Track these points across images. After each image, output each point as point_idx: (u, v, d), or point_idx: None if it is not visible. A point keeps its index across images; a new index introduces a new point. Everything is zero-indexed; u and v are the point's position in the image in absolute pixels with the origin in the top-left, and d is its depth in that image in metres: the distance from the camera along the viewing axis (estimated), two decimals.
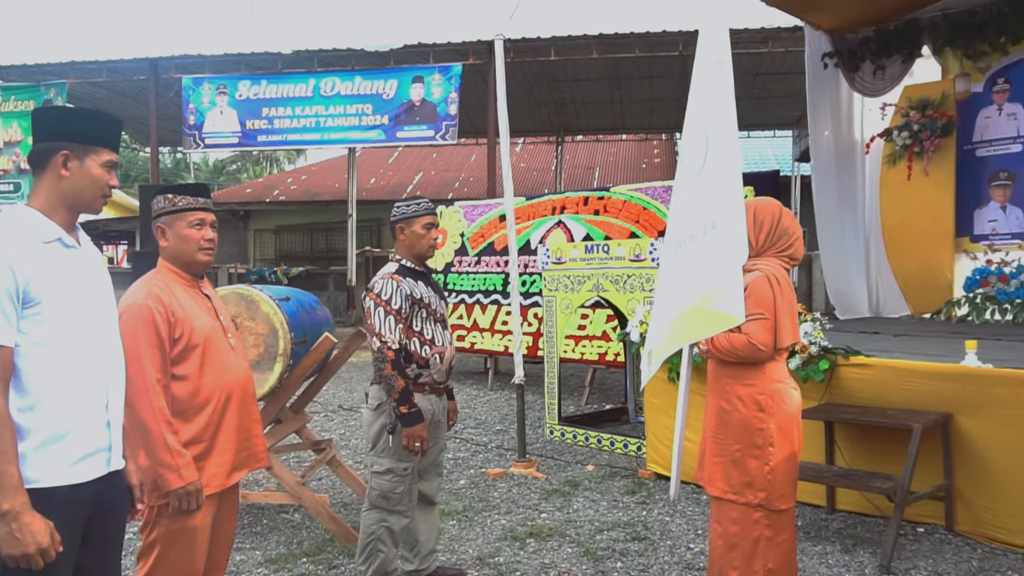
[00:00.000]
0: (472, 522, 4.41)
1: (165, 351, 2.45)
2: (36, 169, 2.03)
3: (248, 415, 2.69)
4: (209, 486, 2.51)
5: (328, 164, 25.32)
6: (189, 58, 14.29)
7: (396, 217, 3.42)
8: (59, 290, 1.93)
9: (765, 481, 2.97)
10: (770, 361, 3.01)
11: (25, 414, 1.86)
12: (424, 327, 3.31)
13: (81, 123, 2.07)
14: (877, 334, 5.93)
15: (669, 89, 17.16)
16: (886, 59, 8.57)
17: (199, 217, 2.63)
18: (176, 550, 2.46)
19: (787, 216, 3.11)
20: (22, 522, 1.78)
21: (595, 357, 8.32)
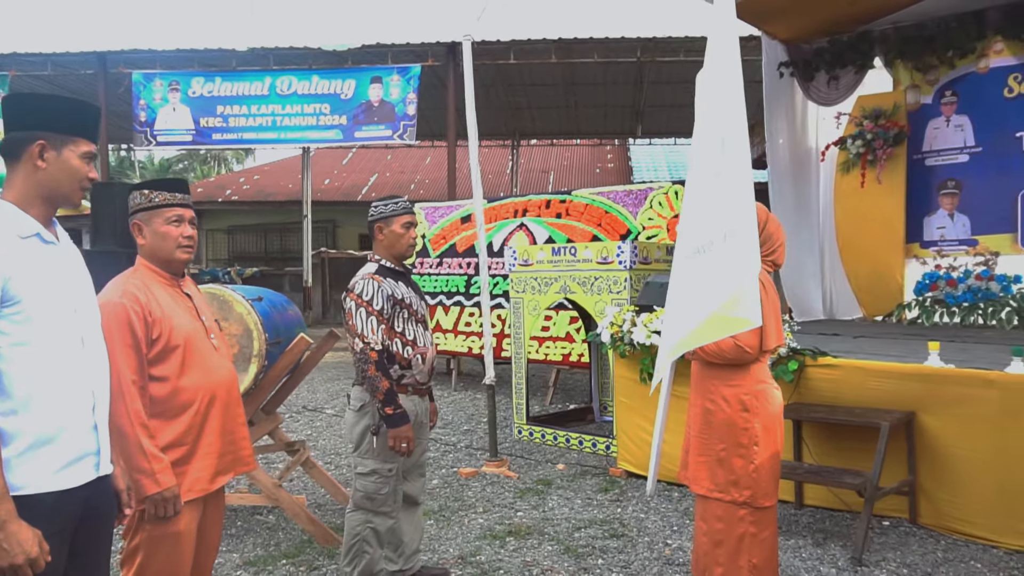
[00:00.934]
0: (450, 521, 4.42)
1: (141, 352, 2.36)
2: (10, 160, 1.92)
3: (233, 417, 2.61)
4: (192, 490, 2.44)
5: (281, 164, 24.98)
6: (140, 53, 13.93)
7: (374, 216, 3.40)
8: (39, 288, 1.84)
9: (750, 479, 3.05)
10: (754, 363, 3.10)
11: (8, 418, 1.77)
12: (406, 328, 3.30)
13: (59, 111, 1.96)
14: (837, 336, 6.11)
15: (624, 95, 17.38)
16: (840, 69, 8.84)
17: (177, 213, 2.55)
18: (160, 556, 2.39)
19: (772, 222, 3.21)
20: (9, 531, 1.69)
21: (559, 358, 8.39)
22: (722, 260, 2.83)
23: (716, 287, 2.82)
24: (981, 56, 7.88)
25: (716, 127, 3.01)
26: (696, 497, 3.28)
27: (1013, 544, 3.84)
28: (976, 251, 7.65)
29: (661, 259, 6.28)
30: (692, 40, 13.12)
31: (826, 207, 9.10)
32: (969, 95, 8.01)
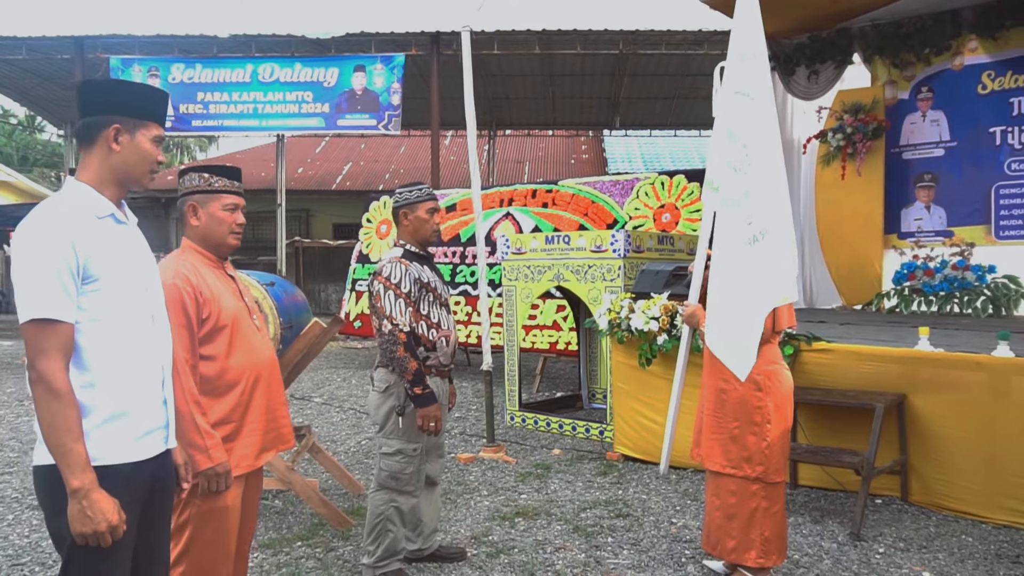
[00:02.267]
0: (456, 504, 4.51)
1: (193, 331, 2.43)
2: (85, 143, 1.98)
3: (275, 396, 2.69)
4: (239, 467, 2.51)
5: (254, 152, 24.71)
6: (118, 38, 13.71)
7: (399, 203, 3.48)
8: (115, 266, 1.90)
9: (763, 456, 3.21)
10: (766, 344, 3.24)
11: (86, 391, 1.83)
12: (431, 311, 3.39)
13: (132, 96, 2.02)
14: (823, 323, 6.28)
15: (602, 87, 17.53)
16: (820, 65, 9.05)
17: (234, 201, 2.63)
18: (208, 530, 2.47)
19: None
20: (92, 500, 1.75)
21: (546, 346, 8.51)
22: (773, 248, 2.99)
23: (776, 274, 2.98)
24: (956, 54, 8.13)
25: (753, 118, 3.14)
26: (708, 473, 3.43)
27: (1001, 519, 4.04)
28: (952, 242, 7.89)
29: (653, 248, 6.41)
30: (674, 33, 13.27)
31: (806, 199, 9.31)
32: (944, 91, 8.26)
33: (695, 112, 19.34)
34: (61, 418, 1.75)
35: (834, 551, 3.74)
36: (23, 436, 6.31)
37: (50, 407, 1.75)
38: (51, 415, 1.75)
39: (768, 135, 3.10)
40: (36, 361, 1.75)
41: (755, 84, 3.17)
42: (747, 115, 3.17)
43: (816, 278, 9.10)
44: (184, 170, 2.64)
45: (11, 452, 5.80)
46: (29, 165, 33.61)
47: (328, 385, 9.10)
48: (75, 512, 1.75)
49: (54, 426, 1.75)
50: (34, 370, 1.76)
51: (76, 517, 1.75)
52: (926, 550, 3.75)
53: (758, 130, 3.12)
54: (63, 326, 1.78)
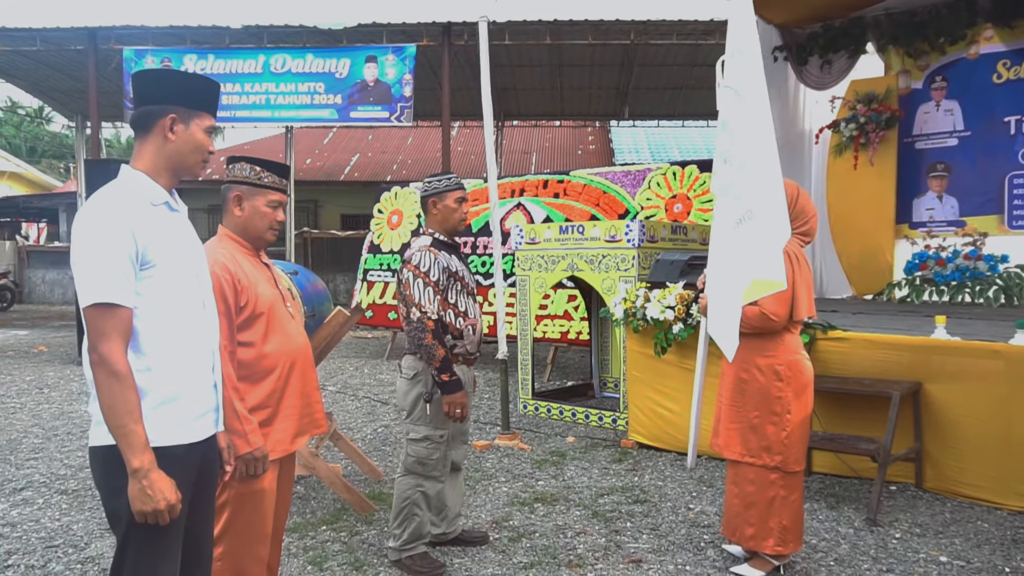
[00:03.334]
0: (475, 490, 4.57)
1: (232, 318, 2.49)
2: (141, 132, 2.02)
3: (309, 381, 2.76)
4: (274, 451, 2.58)
5: (262, 144, 24.74)
6: (131, 29, 13.72)
7: (428, 192, 3.53)
8: (169, 253, 1.95)
9: (782, 445, 3.27)
10: (786, 333, 3.30)
11: (142, 374, 1.88)
12: (459, 299, 3.44)
13: (188, 87, 2.06)
14: (836, 312, 6.31)
15: (611, 77, 17.50)
16: (833, 54, 9.04)
17: (278, 199, 2.69)
18: (245, 512, 2.53)
19: (804, 196, 3.39)
20: (152, 479, 1.81)
21: (557, 336, 8.56)
22: (757, 231, 3.06)
23: (755, 255, 3.05)
24: (971, 43, 8.12)
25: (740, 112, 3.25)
26: (728, 462, 3.48)
27: (1016, 505, 4.09)
28: (964, 232, 7.92)
29: (667, 237, 6.45)
30: (685, 23, 13.24)
31: (818, 189, 9.32)
32: (959, 80, 8.25)
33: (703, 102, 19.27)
34: (122, 400, 1.80)
35: (851, 536, 3.80)
36: (45, 423, 6.40)
37: (111, 389, 1.80)
38: (112, 397, 1.80)
39: (759, 127, 3.18)
40: (98, 344, 1.81)
41: (745, 80, 3.27)
42: (737, 109, 3.28)
43: (827, 268, 9.13)
44: (234, 158, 2.69)
45: (35, 439, 5.89)
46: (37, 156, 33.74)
47: (341, 374, 9.17)
48: (136, 491, 1.81)
49: (115, 408, 1.80)
50: (96, 353, 1.81)
51: (137, 496, 1.81)
52: (942, 535, 3.80)
53: (747, 123, 3.22)
54: (123, 310, 1.84)
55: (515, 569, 3.43)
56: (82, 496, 4.49)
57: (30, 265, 20.99)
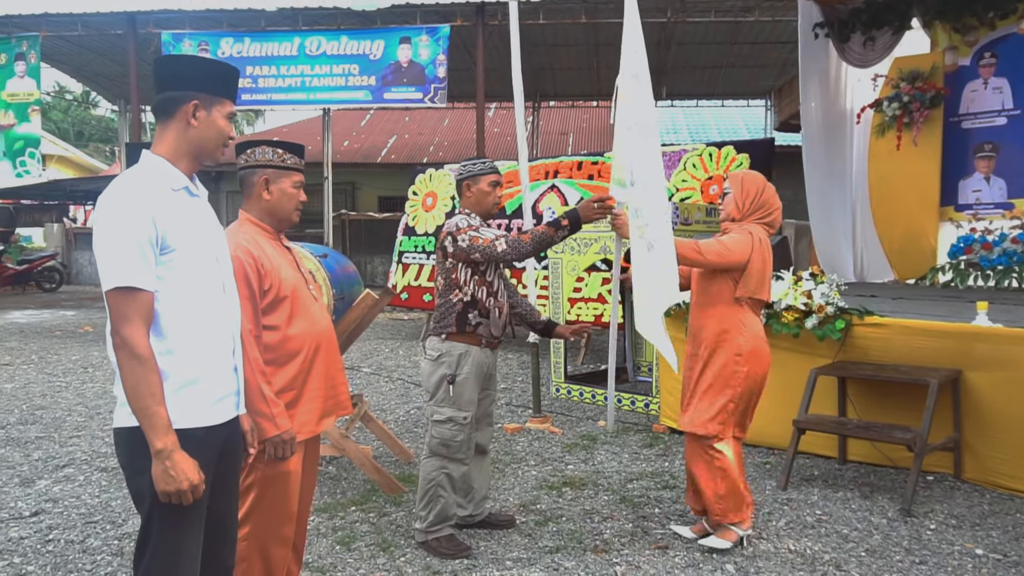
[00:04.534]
0: (504, 473, 4.58)
1: (256, 302, 2.50)
2: (163, 117, 2.03)
3: (333, 363, 2.77)
4: (300, 433, 2.59)
5: (300, 126, 24.94)
6: (169, 13, 13.88)
7: (462, 175, 3.54)
8: (189, 238, 1.97)
9: (724, 415, 3.42)
10: (749, 312, 3.46)
11: (164, 358, 1.90)
12: (494, 279, 3.45)
13: (210, 73, 2.08)
14: (875, 297, 6.18)
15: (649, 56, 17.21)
16: (876, 31, 8.77)
17: (301, 179, 2.72)
18: (271, 493, 2.56)
19: (769, 189, 3.56)
20: (175, 460, 1.83)
21: (591, 319, 8.51)
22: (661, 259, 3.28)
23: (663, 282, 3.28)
24: (1023, 17, 7.81)
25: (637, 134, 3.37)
26: (688, 436, 3.58)
27: None
28: (1012, 214, 7.67)
29: (701, 220, 6.37)
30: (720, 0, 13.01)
31: (859, 170, 9.12)
32: (1009, 57, 7.95)
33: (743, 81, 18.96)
34: (144, 382, 1.83)
35: (884, 527, 3.73)
36: (89, 402, 6.56)
37: (134, 372, 1.83)
38: (135, 379, 1.83)
39: (649, 158, 3.33)
40: (120, 327, 1.84)
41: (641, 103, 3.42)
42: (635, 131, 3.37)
43: (867, 251, 8.94)
44: (251, 143, 2.69)
45: (79, 417, 6.04)
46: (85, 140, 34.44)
47: (376, 356, 9.24)
48: (159, 472, 1.84)
49: (138, 390, 1.83)
50: (118, 336, 1.84)
51: (160, 476, 1.84)
52: (979, 527, 3.71)
53: (640, 153, 3.33)
54: (144, 294, 1.86)
55: (540, 553, 3.43)
56: (121, 474, 4.58)
57: (77, 247, 21.48)
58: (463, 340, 3.42)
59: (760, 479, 4.46)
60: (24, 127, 14.59)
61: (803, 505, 4.03)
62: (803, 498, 4.13)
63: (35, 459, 4.95)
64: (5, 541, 3.62)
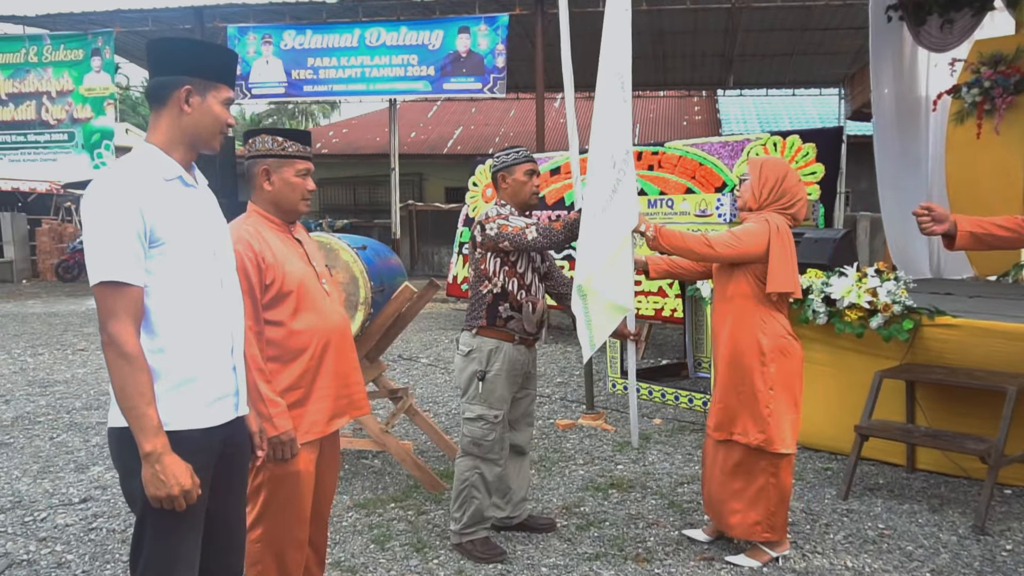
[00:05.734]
0: (551, 472, 4.45)
1: (256, 298, 2.40)
2: (155, 104, 1.93)
3: (347, 361, 2.64)
4: (310, 432, 2.50)
5: (368, 118, 25.24)
6: (234, 7, 14.17)
7: (497, 166, 3.41)
8: (182, 230, 1.88)
9: (765, 422, 3.16)
10: (773, 310, 3.22)
11: (155, 356, 1.82)
12: (526, 272, 3.32)
13: (204, 57, 1.96)
14: (950, 295, 5.82)
15: (714, 44, 16.82)
16: (955, 12, 8.28)
17: (306, 167, 2.59)
18: (281, 494, 2.48)
19: (791, 177, 3.29)
20: (164, 463, 1.75)
21: (651, 312, 8.29)
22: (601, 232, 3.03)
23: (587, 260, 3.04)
24: None
25: None
26: (715, 442, 3.36)
27: None
28: None
29: None
30: None
31: (936, 160, 8.65)
32: None
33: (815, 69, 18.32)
34: (133, 381, 1.75)
35: (953, 544, 3.46)
36: None
37: (122, 370, 1.75)
38: (123, 378, 1.75)
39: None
40: (107, 324, 1.76)
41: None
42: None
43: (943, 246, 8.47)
44: (252, 132, 2.61)
45: None
46: None
47: (436, 346, 9.21)
48: (148, 476, 1.76)
49: (126, 390, 1.75)
50: (105, 333, 1.77)
51: (150, 481, 1.76)
52: None
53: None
54: (132, 289, 1.78)
55: (579, 560, 3.29)
56: None
57: None
58: (494, 335, 3.29)
59: (819, 486, 4.22)
60: (100, 120, 15.12)
61: (865, 517, 3.78)
62: (865, 509, 3.88)
63: (92, 444, 5.05)
64: (51, 528, 3.67)
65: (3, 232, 18.05)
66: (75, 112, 15.06)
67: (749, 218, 3.29)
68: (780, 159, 3.36)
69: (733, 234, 3.17)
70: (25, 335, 9.73)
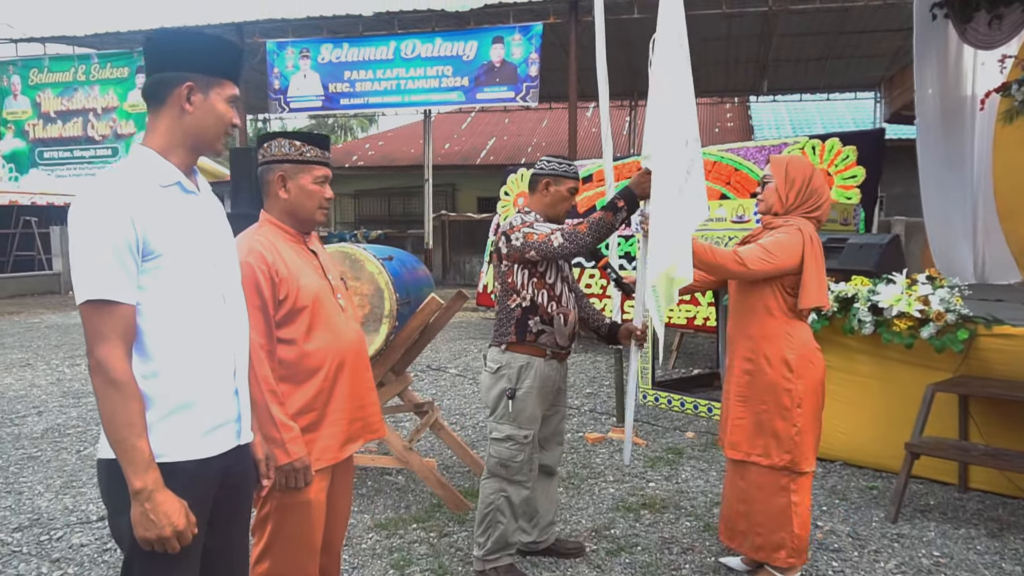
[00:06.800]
0: (580, 490, 4.27)
1: (269, 314, 2.24)
2: (153, 103, 1.77)
3: (362, 382, 2.48)
4: (321, 459, 2.33)
5: (403, 130, 25.36)
6: (273, 22, 14.30)
7: (544, 171, 3.21)
8: (179, 241, 1.71)
9: (792, 442, 2.95)
10: (796, 321, 2.99)
11: (148, 381, 1.65)
12: (556, 282, 3.14)
13: (205, 51, 1.78)
14: (1001, 301, 5.52)
15: (749, 50, 16.51)
16: (1004, 7, 7.91)
17: (324, 173, 2.42)
18: (290, 525, 2.31)
19: (818, 177, 3.06)
20: (156, 501, 1.59)
21: (683, 321, 8.07)
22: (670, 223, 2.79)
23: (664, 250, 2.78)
24: None
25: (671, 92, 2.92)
26: (731, 462, 3.16)
27: None
28: None
29: None
30: None
31: (982, 160, 8.30)
32: None
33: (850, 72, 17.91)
34: (122, 411, 1.59)
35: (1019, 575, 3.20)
36: None
37: (110, 399, 1.59)
38: (111, 407, 1.59)
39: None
40: (94, 347, 1.60)
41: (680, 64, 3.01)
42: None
43: (990, 250, 8.13)
44: (268, 136, 2.43)
45: None
46: None
47: (465, 356, 9.07)
48: (137, 515, 1.59)
49: (114, 420, 1.59)
50: (92, 357, 1.61)
51: (139, 521, 1.60)
52: None
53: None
54: (123, 308, 1.61)
55: None
56: None
57: None
58: (524, 351, 3.11)
59: (865, 507, 3.97)
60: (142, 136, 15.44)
61: (917, 543, 3.53)
62: (917, 534, 3.63)
63: None
64: (66, 548, 3.58)
65: (52, 245, 18.39)
66: (119, 128, 15.37)
67: (775, 224, 3.06)
68: (803, 158, 3.13)
69: (765, 249, 2.92)
70: (65, 346, 9.81)
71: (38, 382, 7.44)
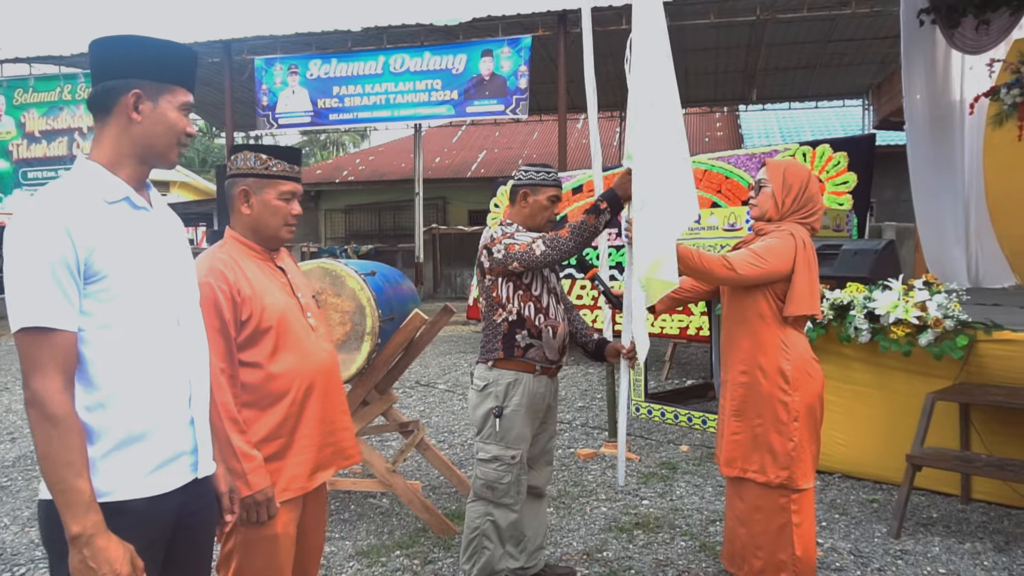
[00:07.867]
0: (571, 510, 4.13)
1: (229, 336, 2.10)
2: (99, 114, 1.65)
3: (334, 406, 2.33)
4: (289, 489, 2.19)
5: (394, 145, 25.32)
6: (261, 39, 14.23)
7: (522, 181, 3.09)
8: (128, 260, 1.58)
9: (788, 458, 2.82)
10: (790, 330, 2.87)
11: (93, 413, 1.53)
12: (542, 294, 3.01)
13: (154, 56, 1.65)
14: (998, 306, 5.42)
15: (737, 59, 16.52)
16: (991, 12, 7.89)
17: (292, 189, 2.29)
18: (256, 561, 2.16)
19: (814, 183, 2.98)
20: (96, 547, 1.45)
21: (676, 331, 7.96)
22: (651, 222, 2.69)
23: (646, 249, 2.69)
24: None
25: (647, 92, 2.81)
26: (728, 481, 3.04)
27: None
28: None
29: None
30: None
31: (972, 164, 8.26)
32: None
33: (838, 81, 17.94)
34: (59, 448, 1.45)
35: None
36: None
37: (46, 435, 1.45)
38: (47, 444, 1.45)
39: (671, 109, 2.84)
40: (30, 379, 1.46)
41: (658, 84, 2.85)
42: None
43: (983, 253, 8.06)
44: (237, 148, 2.30)
45: None
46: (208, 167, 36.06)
47: (455, 371, 8.93)
48: (76, 563, 1.45)
49: (50, 457, 1.45)
50: (28, 390, 1.46)
51: (78, 569, 1.45)
52: None
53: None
54: (61, 335, 1.48)
55: None
56: None
57: None
58: (512, 367, 2.98)
59: (866, 522, 3.84)
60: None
61: (922, 559, 3.40)
62: (921, 550, 3.50)
63: None
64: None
65: None
66: None
67: (768, 230, 2.95)
68: (801, 163, 3.07)
69: (755, 253, 2.81)
70: None
71: (14, 407, 7.26)
